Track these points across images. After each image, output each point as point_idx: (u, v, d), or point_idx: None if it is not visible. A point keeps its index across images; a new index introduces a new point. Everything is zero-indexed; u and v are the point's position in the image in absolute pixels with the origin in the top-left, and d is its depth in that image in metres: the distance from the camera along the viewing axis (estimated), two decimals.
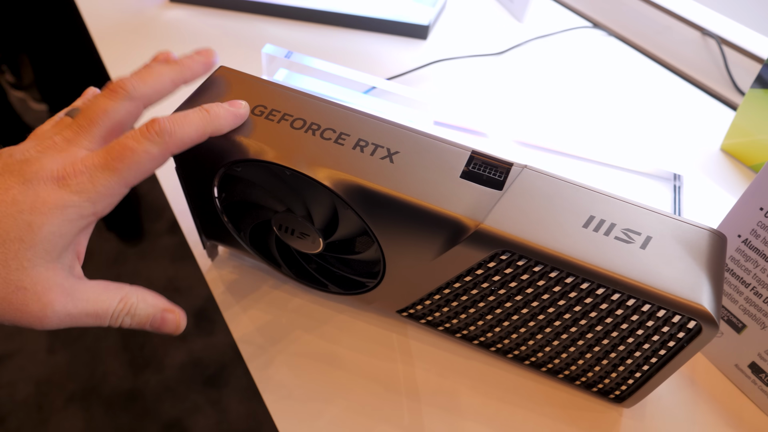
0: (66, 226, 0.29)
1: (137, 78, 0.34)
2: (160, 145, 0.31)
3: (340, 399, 0.42)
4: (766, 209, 0.39)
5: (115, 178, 0.30)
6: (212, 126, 0.34)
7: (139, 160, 0.30)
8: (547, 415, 0.42)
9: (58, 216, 0.29)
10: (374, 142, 0.37)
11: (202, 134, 0.33)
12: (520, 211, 0.34)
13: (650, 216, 0.35)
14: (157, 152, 0.31)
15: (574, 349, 0.39)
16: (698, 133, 0.68)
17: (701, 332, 0.32)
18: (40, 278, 0.29)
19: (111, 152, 0.30)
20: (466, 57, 0.77)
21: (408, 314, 0.44)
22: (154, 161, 0.31)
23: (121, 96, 0.32)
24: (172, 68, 0.35)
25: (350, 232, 0.39)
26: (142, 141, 0.30)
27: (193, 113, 0.33)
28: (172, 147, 0.32)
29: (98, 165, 0.30)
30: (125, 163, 0.30)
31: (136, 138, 0.30)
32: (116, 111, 0.32)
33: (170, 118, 0.32)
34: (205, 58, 0.38)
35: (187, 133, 0.32)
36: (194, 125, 0.33)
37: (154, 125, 0.31)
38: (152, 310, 0.33)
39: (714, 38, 0.81)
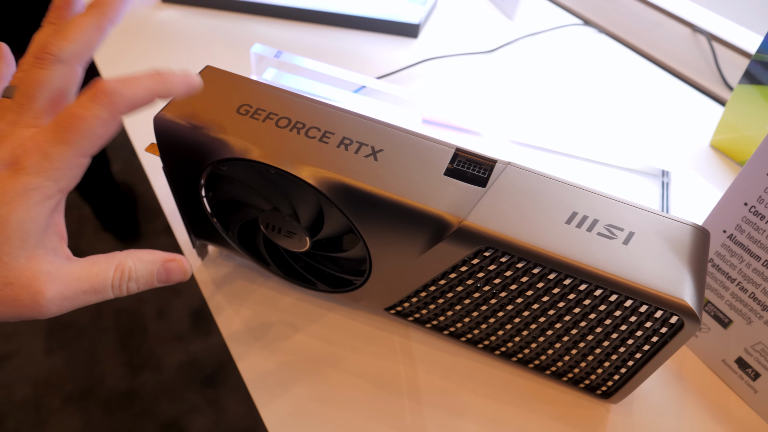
0: (34, 210, 0.28)
1: (60, 36, 0.31)
2: (109, 106, 0.29)
3: (331, 399, 0.42)
4: (750, 204, 0.39)
5: (70, 150, 0.28)
6: (163, 87, 0.31)
7: (90, 125, 0.28)
8: (535, 411, 0.42)
9: (22, 202, 0.28)
10: (358, 141, 0.37)
11: (152, 94, 0.31)
12: (503, 208, 0.34)
13: (633, 212, 0.35)
14: (107, 115, 0.29)
15: (559, 345, 0.39)
16: (688, 130, 0.68)
17: (683, 327, 0.32)
18: (23, 270, 0.28)
19: (60, 124, 0.28)
20: (456, 55, 0.77)
21: (396, 312, 0.44)
22: (106, 125, 0.29)
23: (49, 61, 0.31)
24: (92, 14, 0.33)
25: (336, 230, 0.39)
26: (90, 106, 0.28)
27: (143, 74, 0.31)
28: (121, 107, 0.29)
29: (49, 140, 0.28)
30: (76, 132, 0.28)
31: (83, 104, 0.29)
32: (50, 79, 0.31)
33: (117, 79, 0.29)
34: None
35: (136, 92, 0.30)
36: (143, 85, 0.30)
37: (100, 87, 0.29)
38: (153, 266, 0.33)
39: (704, 35, 0.81)
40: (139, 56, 0.73)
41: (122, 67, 0.71)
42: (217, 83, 0.40)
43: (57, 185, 0.29)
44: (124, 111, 0.30)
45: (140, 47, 0.75)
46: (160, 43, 0.76)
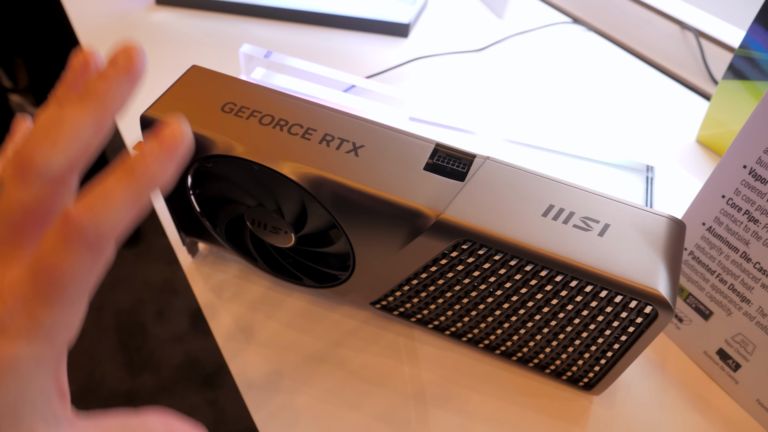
0: (24, 383, 0.22)
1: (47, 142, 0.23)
2: (90, 248, 0.22)
3: (308, 393, 0.43)
4: (728, 197, 0.39)
5: (57, 308, 0.23)
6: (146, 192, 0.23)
7: (73, 278, 0.22)
8: (519, 404, 0.43)
9: (11, 376, 0.22)
10: (340, 137, 0.37)
11: (138, 206, 0.23)
12: (480, 201, 0.35)
13: (610, 204, 0.36)
14: (90, 259, 0.22)
15: (540, 337, 0.40)
16: (676, 126, 0.69)
17: (658, 317, 0.33)
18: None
19: (38, 279, 0.22)
20: (446, 54, 0.77)
21: (381, 306, 0.44)
22: (93, 268, 0.23)
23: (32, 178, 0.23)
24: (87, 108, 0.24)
25: (320, 226, 0.40)
26: (66, 254, 0.22)
27: (116, 186, 0.22)
28: (105, 243, 0.22)
29: (30, 297, 0.22)
30: (60, 288, 0.22)
31: (58, 252, 0.22)
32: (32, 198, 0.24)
33: (87, 205, 0.22)
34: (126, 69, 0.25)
35: (117, 217, 0.22)
36: (122, 203, 0.22)
37: (71, 225, 0.22)
38: None
39: (692, 31, 0.82)
40: None
41: None
42: (202, 82, 0.41)
43: (53, 347, 0.23)
44: (111, 244, 0.23)
45: None
46: (153, 45, 0.76)
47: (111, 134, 0.25)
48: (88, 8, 0.83)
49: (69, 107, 0.24)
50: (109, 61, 0.25)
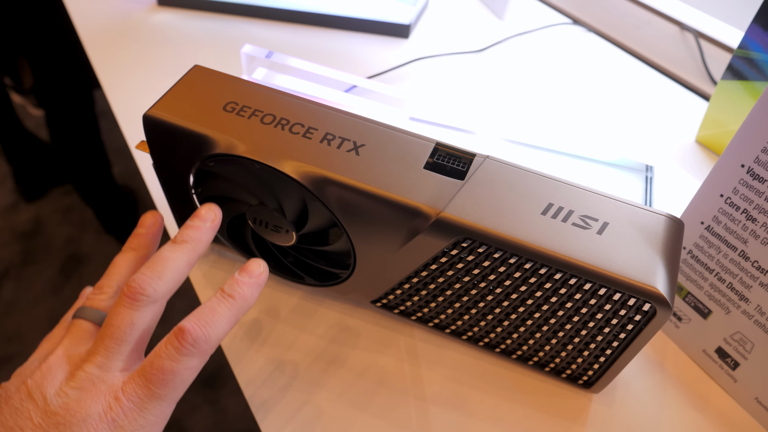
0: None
1: (154, 275, 0.31)
2: (199, 355, 0.29)
3: (310, 392, 0.43)
4: (726, 196, 0.40)
5: (165, 404, 0.29)
6: (242, 311, 0.32)
7: (183, 379, 0.29)
8: (518, 402, 0.43)
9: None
10: (341, 136, 0.38)
11: (234, 323, 0.32)
12: (480, 200, 0.35)
13: (608, 203, 0.36)
14: (197, 363, 0.29)
15: (539, 335, 0.40)
16: (675, 126, 0.69)
17: (656, 314, 0.33)
18: None
19: (152, 379, 0.28)
20: (447, 55, 0.78)
21: (382, 304, 0.45)
22: (196, 372, 0.30)
23: (144, 303, 0.31)
24: (184, 250, 0.33)
25: (321, 224, 0.40)
26: (180, 358, 0.29)
27: (220, 305, 0.31)
28: (209, 351, 0.30)
29: (143, 396, 0.28)
30: (170, 386, 0.28)
31: (172, 356, 0.29)
32: (142, 320, 0.31)
33: (199, 321, 0.30)
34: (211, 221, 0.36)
35: (222, 330, 0.31)
36: (225, 320, 0.31)
37: (186, 336, 0.29)
38: None
39: (691, 32, 0.82)
40: (135, 58, 0.74)
41: (118, 70, 0.72)
42: (204, 82, 0.41)
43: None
44: (211, 353, 0.30)
45: (136, 50, 0.76)
46: (155, 46, 0.77)
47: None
48: (90, 9, 0.83)
49: (168, 250, 0.33)
50: (195, 215, 0.35)
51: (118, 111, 0.66)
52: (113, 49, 0.76)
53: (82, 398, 0.28)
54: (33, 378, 0.29)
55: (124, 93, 0.69)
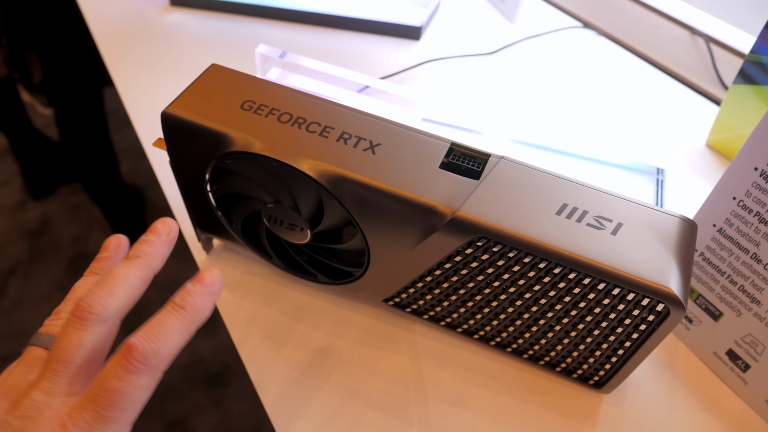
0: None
1: (104, 292, 0.29)
2: (149, 372, 0.27)
3: (337, 392, 0.43)
4: (738, 199, 0.40)
5: (117, 427, 0.27)
6: (195, 323, 0.30)
7: (133, 398, 0.27)
8: (529, 401, 0.43)
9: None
10: (357, 135, 0.38)
11: (188, 337, 0.30)
12: (495, 199, 0.35)
13: (622, 204, 0.36)
14: (147, 381, 0.27)
15: (551, 334, 0.40)
16: (685, 130, 0.69)
17: (669, 315, 0.33)
18: None
19: (99, 402, 0.26)
20: (458, 57, 0.78)
21: (394, 303, 0.45)
22: (148, 390, 0.28)
23: (93, 322, 0.29)
24: (137, 265, 0.31)
25: (336, 222, 0.41)
26: (128, 377, 0.27)
27: (169, 317, 0.29)
28: (161, 367, 0.28)
29: (91, 420, 0.26)
30: (120, 408, 0.26)
31: (120, 376, 0.27)
32: (91, 340, 0.29)
33: (147, 336, 0.28)
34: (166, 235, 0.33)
35: (173, 343, 0.28)
36: (176, 332, 0.29)
37: (134, 353, 0.27)
38: None
39: (702, 37, 0.82)
40: (148, 58, 0.75)
41: (131, 69, 0.73)
42: (222, 81, 0.41)
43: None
44: (164, 369, 0.28)
45: (149, 49, 0.76)
46: (168, 45, 0.77)
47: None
48: (104, 8, 0.84)
49: (120, 266, 0.31)
50: (149, 230, 0.32)
51: (131, 109, 0.66)
52: (126, 48, 0.76)
53: (26, 427, 0.26)
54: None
55: (137, 92, 0.69)
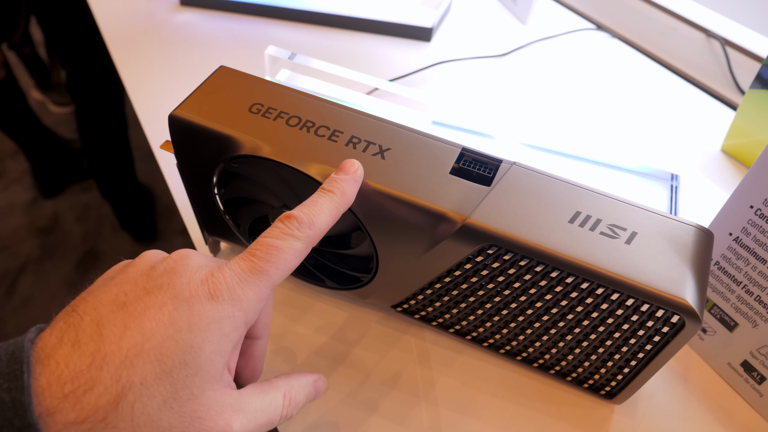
0: (224, 341, 0.27)
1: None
2: (304, 239, 0.30)
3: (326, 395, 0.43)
4: (756, 207, 0.39)
5: (265, 281, 0.28)
6: (343, 205, 0.33)
7: (286, 258, 0.29)
8: (539, 411, 0.42)
9: (216, 331, 0.27)
10: (366, 139, 0.38)
11: (336, 216, 0.32)
12: (506, 207, 0.35)
13: (637, 212, 0.35)
14: (301, 247, 0.29)
15: (563, 344, 0.39)
16: (700, 134, 0.68)
17: (685, 327, 0.33)
18: (211, 403, 0.27)
19: (256, 254, 0.28)
20: (469, 59, 0.77)
21: (402, 309, 0.44)
22: (299, 256, 0.30)
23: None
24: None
25: (344, 228, 0.40)
26: (285, 237, 0.29)
27: (321, 198, 0.32)
28: (313, 238, 0.30)
29: (246, 269, 0.28)
30: (273, 263, 0.28)
31: (278, 235, 0.29)
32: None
33: (305, 210, 0.31)
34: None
35: (324, 219, 0.31)
36: (327, 210, 0.32)
37: (292, 219, 0.30)
38: (308, 388, 0.33)
39: (718, 39, 0.81)
40: (157, 58, 0.75)
41: (141, 69, 0.73)
42: (230, 83, 0.41)
43: (245, 317, 0.28)
44: (315, 242, 0.31)
45: (159, 49, 0.76)
46: (178, 45, 0.77)
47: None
48: (113, 8, 0.84)
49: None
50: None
51: (140, 110, 0.66)
52: (136, 48, 0.76)
53: (188, 265, 0.28)
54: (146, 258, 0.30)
55: (146, 92, 0.69)
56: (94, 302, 0.26)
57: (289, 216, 0.30)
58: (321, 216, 0.31)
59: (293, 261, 0.29)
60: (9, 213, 1.70)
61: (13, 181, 1.79)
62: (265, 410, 0.29)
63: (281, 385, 0.31)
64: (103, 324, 0.25)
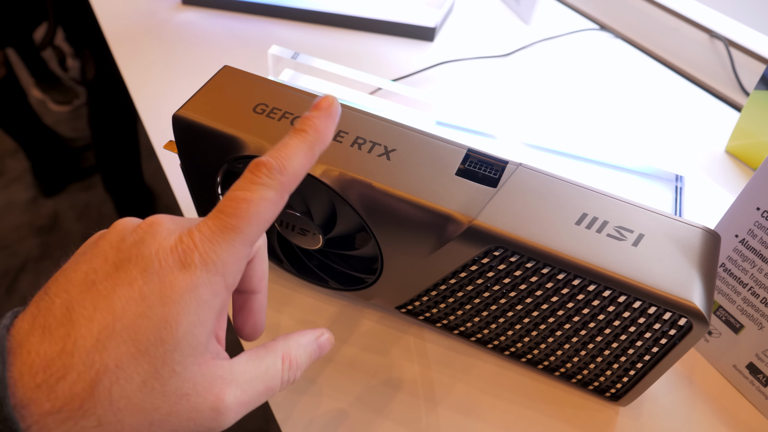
0: (203, 311, 0.25)
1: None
2: (276, 186, 0.27)
3: (345, 398, 0.43)
4: (762, 209, 0.39)
5: (239, 239, 0.26)
6: (319, 143, 0.29)
7: (258, 210, 0.26)
8: (544, 412, 0.42)
9: (192, 301, 0.25)
10: (372, 140, 0.37)
11: (312, 157, 0.29)
12: (513, 208, 0.35)
13: (643, 214, 0.35)
14: (274, 195, 0.26)
15: (568, 346, 0.39)
16: (704, 135, 0.68)
17: (692, 329, 0.32)
18: (197, 378, 0.25)
19: (225, 210, 0.26)
20: (472, 59, 0.77)
21: (406, 310, 0.44)
22: (274, 207, 0.27)
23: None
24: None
25: (349, 229, 0.40)
26: (254, 188, 0.26)
27: (291, 139, 0.28)
28: (287, 185, 0.27)
29: (216, 229, 0.25)
30: (243, 218, 0.26)
31: (246, 187, 0.26)
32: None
33: (273, 154, 0.27)
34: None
35: (299, 162, 0.28)
36: (300, 152, 0.28)
37: (260, 167, 0.26)
38: (309, 348, 0.30)
39: (722, 40, 0.81)
40: (159, 57, 0.74)
41: (143, 68, 0.72)
42: (234, 83, 0.41)
43: (224, 281, 0.26)
44: (291, 188, 0.28)
45: (161, 48, 0.76)
46: (180, 45, 0.77)
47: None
48: (115, 7, 0.84)
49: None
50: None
51: (142, 109, 0.66)
52: (138, 47, 0.76)
53: (156, 234, 0.26)
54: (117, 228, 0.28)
55: (149, 91, 0.69)
56: (64, 283, 0.25)
57: (257, 163, 0.27)
58: (294, 159, 0.28)
59: (268, 213, 0.27)
60: (9, 212, 1.69)
61: (13, 179, 1.79)
62: (262, 377, 0.28)
63: (279, 348, 0.29)
64: (72, 307, 0.24)
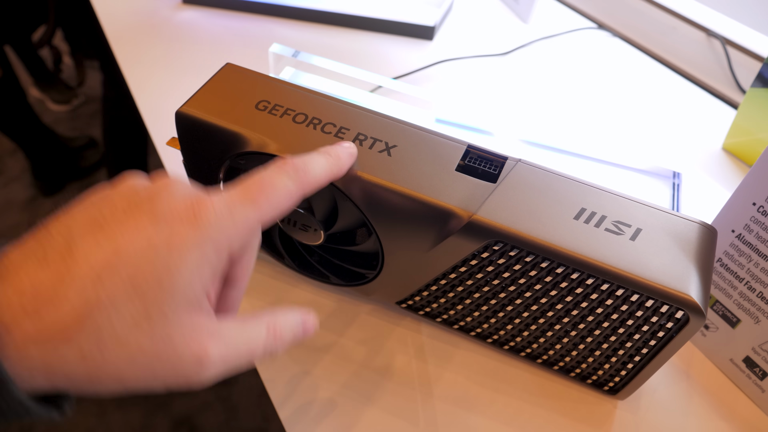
0: (204, 265, 0.25)
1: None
2: (297, 182, 0.29)
3: (343, 392, 0.43)
4: (758, 204, 0.39)
5: (255, 212, 0.27)
6: (337, 168, 0.33)
7: (279, 194, 0.28)
8: (543, 406, 0.43)
9: (196, 254, 0.25)
10: (373, 136, 0.38)
11: (330, 176, 0.32)
12: (512, 203, 0.35)
13: (641, 209, 0.36)
14: (293, 189, 0.29)
15: (567, 340, 0.40)
16: (701, 133, 0.69)
17: (689, 322, 0.33)
18: (186, 326, 0.25)
19: (250, 187, 0.28)
20: (471, 57, 0.78)
21: (407, 306, 0.45)
22: (291, 199, 0.29)
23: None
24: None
25: (350, 224, 0.40)
26: (280, 175, 0.29)
27: (318, 156, 0.32)
28: (306, 186, 0.30)
29: (237, 197, 0.27)
30: (265, 196, 0.27)
31: (274, 172, 0.29)
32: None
33: (301, 158, 0.31)
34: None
35: (319, 173, 0.31)
36: (322, 166, 0.32)
37: (288, 163, 0.29)
38: (295, 325, 0.30)
39: (719, 39, 0.81)
40: (160, 56, 0.75)
41: (144, 67, 0.73)
42: (237, 80, 0.41)
43: (229, 244, 0.26)
44: (308, 191, 0.30)
45: (162, 47, 0.76)
46: (180, 44, 0.77)
47: None
48: (116, 6, 0.84)
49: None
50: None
51: (144, 108, 0.66)
52: (139, 46, 0.76)
53: (172, 190, 0.26)
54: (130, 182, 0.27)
55: (150, 90, 0.69)
56: (68, 221, 0.25)
57: (284, 160, 0.30)
58: (316, 167, 0.31)
59: (285, 202, 0.29)
60: (8, 211, 1.69)
61: (12, 179, 1.79)
62: (245, 340, 0.27)
63: (265, 318, 0.29)
64: (74, 242, 0.24)
